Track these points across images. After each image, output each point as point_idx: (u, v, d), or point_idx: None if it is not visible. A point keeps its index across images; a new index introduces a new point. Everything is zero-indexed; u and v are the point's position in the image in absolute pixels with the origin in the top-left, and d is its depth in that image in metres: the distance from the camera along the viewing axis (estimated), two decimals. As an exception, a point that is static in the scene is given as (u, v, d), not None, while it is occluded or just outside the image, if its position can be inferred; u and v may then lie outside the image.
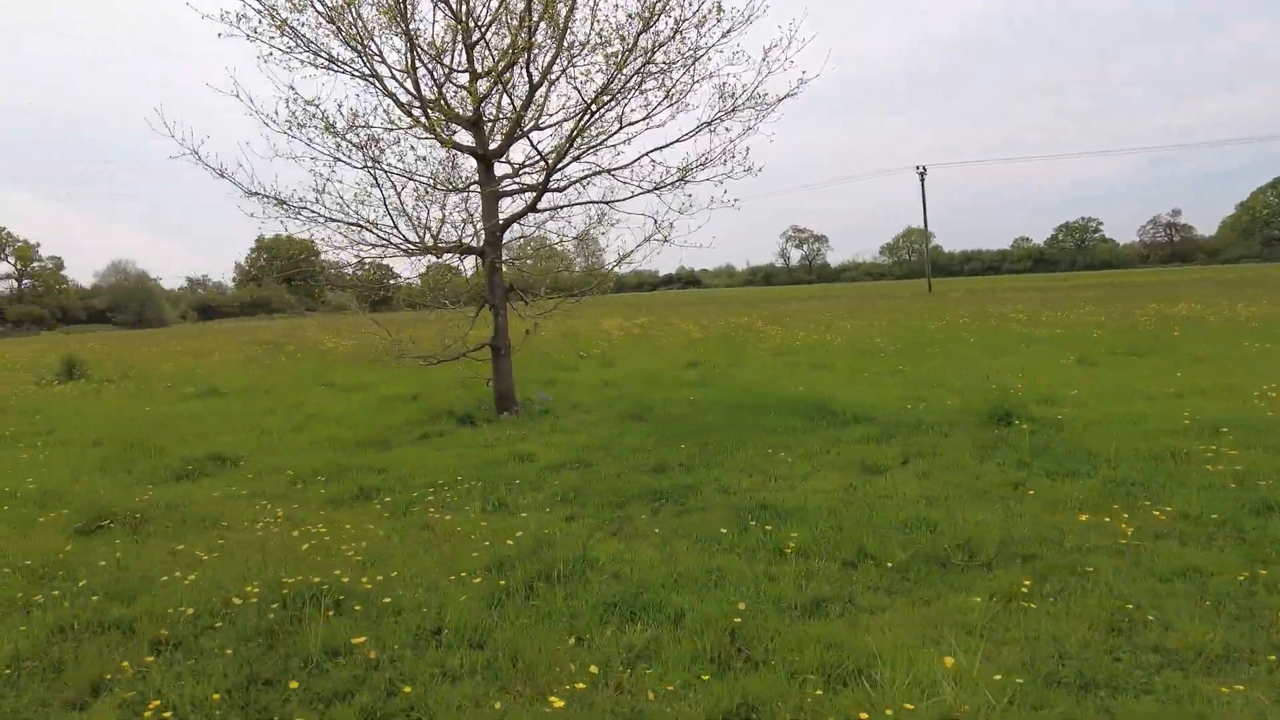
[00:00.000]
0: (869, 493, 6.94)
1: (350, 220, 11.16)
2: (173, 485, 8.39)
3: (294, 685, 3.99)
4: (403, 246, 11.41)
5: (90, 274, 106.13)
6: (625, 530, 6.29)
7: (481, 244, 11.43)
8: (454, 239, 11.61)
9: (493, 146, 11.39)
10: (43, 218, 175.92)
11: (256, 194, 10.93)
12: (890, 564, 5.20)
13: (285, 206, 11.00)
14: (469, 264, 12.26)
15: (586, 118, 10.46)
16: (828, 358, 16.44)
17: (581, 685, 3.87)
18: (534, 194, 11.05)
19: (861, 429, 9.36)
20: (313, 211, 11.09)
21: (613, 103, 10.49)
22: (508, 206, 11.79)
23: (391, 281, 13.50)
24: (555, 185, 11.32)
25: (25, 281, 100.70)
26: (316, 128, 10.61)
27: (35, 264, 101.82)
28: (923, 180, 73.36)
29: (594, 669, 4.02)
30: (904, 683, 3.67)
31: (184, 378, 18.18)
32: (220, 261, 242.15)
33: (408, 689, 3.90)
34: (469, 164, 11.81)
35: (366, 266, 11.58)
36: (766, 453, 8.47)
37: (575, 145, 10.67)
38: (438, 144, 11.32)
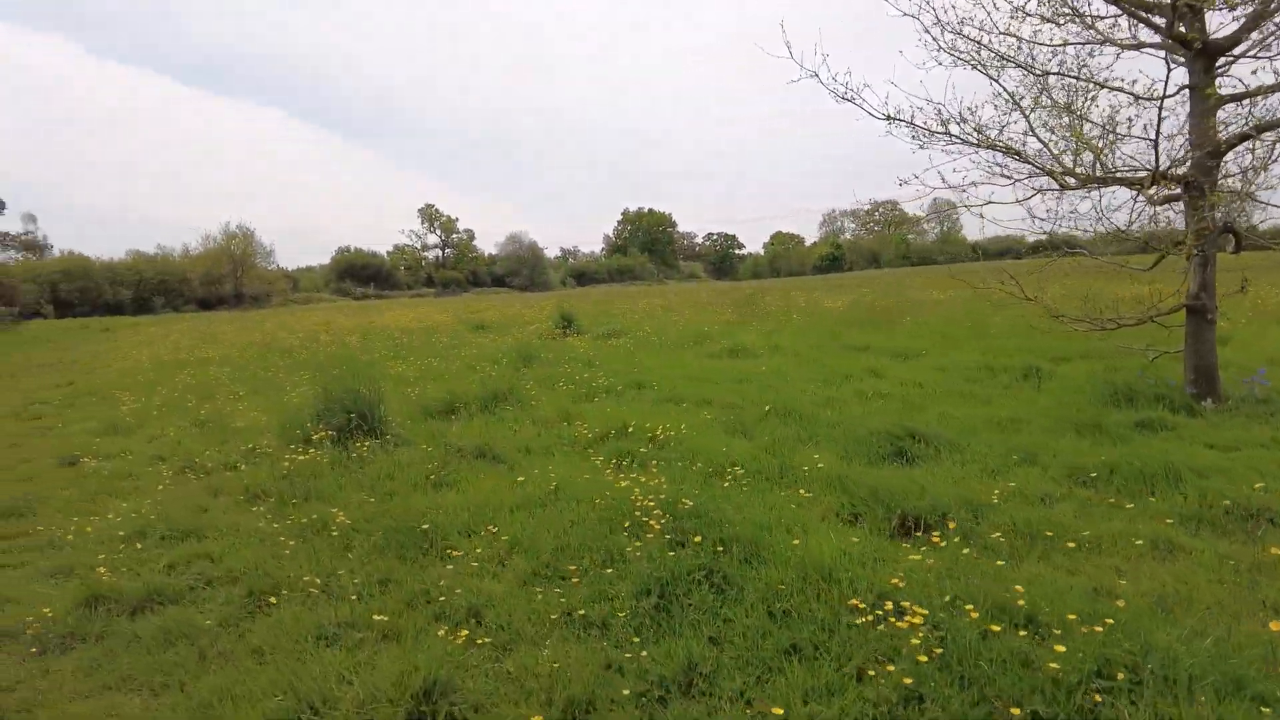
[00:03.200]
0: None
1: (1002, 147, 8.96)
2: (888, 469, 6.77)
3: None
4: (1060, 174, 8.91)
5: (491, 244, 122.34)
6: None
7: (1191, 170, 8.48)
8: (1133, 165, 8.82)
9: (1221, 34, 8.34)
10: (454, 198, 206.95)
11: (889, 117, 9.26)
12: None
13: (918, 131, 9.19)
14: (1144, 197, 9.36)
15: None
16: None
17: None
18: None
19: None
20: (952, 136, 9.12)
21: None
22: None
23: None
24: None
25: (447, 250, 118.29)
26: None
27: (454, 236, 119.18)
28: None
29: None
30: None
31: (681, 334, 17.73)
32: (583, 231, 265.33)
33: None
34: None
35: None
36: None
37: None
38: (1132, 39, 8.60)
